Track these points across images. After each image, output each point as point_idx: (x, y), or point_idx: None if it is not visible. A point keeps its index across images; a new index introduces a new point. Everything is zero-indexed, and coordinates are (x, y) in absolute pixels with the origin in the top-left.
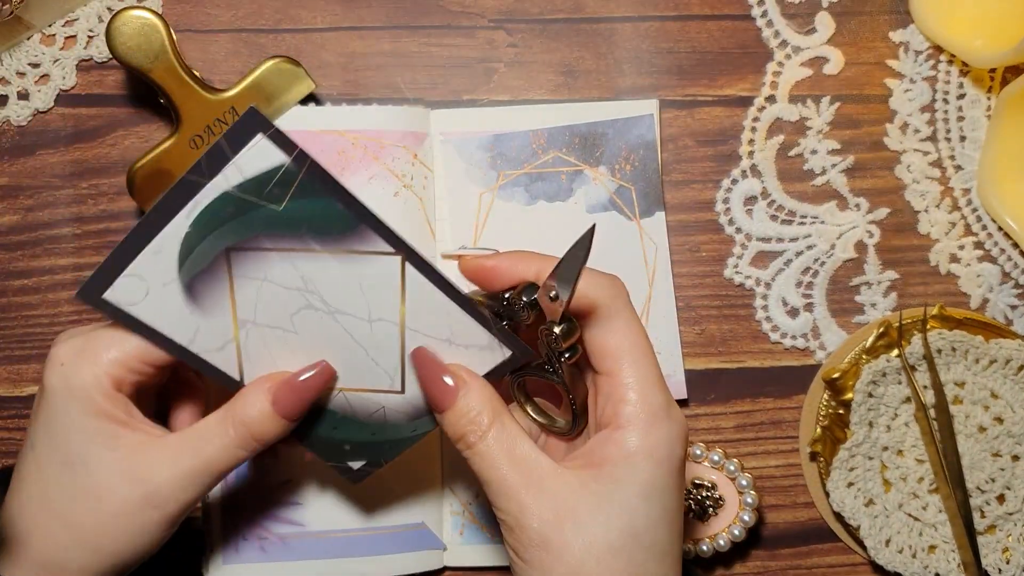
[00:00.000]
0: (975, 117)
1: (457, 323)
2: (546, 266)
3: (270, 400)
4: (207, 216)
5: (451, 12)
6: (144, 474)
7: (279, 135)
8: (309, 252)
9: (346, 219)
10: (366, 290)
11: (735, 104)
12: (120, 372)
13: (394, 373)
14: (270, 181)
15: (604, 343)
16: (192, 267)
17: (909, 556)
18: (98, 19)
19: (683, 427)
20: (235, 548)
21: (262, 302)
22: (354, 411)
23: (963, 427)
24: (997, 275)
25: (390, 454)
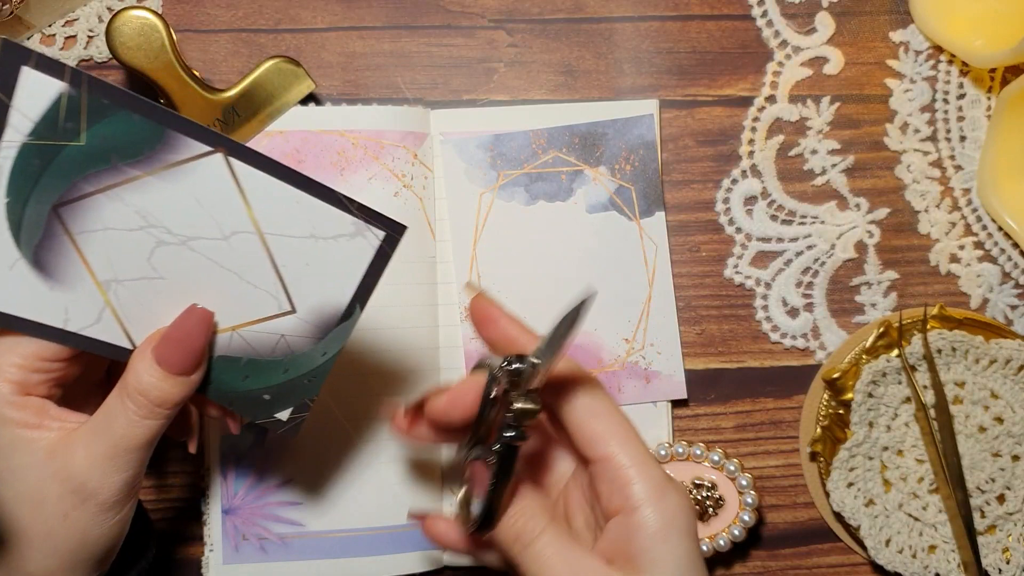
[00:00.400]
0: (975, 117)
1: (313, 212)
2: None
3: (156, 361)
4: (18, 178)
5: (451, 12)
6: (67, 469)
7: (45, 60)
8: (132, 181)
9: (150, 129)
10: (205, 203)
11: (735, 104)
12: (21, 376)
13: (276, 291)
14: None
15: (592, 428)
16: (29, 239)
17: (909, 556)
18: (98, 19)
19: (686, 494)
20: (235, 548)
21: (114, 254)
22: (256, 350)
23: (963, 427)
24: (997, 275)
25: (311, 389)
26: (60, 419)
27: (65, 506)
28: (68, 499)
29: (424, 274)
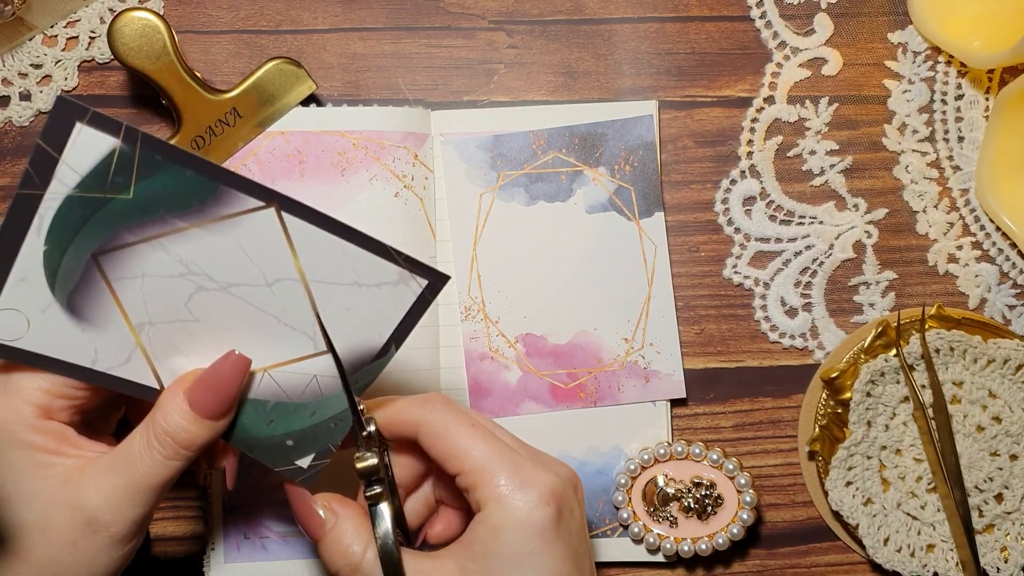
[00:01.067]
0: (973, 118)
1: (359, 262)
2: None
3: (188, 404)
4: (58, 228)
5: (451, 14)
6: (80, 500)
7: (99, 118)
8: (177, 232)
9: (202, 184)
10: (251, 253)
11: (734, 105)
12: (46, 400)
13: (314, 333)
14: (108, 170)
15: (439, 453)
16: (64, 284)
17: (907, 555)
18: (100, 20)
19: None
20: (236, 547)
21: (151, 299)
22: (286, 392)
23: (961, 426)
24: (995, 275)
25: (336, 435)
26: (79, 447)
27: (74, 535)
28: (78, 529)
29: None
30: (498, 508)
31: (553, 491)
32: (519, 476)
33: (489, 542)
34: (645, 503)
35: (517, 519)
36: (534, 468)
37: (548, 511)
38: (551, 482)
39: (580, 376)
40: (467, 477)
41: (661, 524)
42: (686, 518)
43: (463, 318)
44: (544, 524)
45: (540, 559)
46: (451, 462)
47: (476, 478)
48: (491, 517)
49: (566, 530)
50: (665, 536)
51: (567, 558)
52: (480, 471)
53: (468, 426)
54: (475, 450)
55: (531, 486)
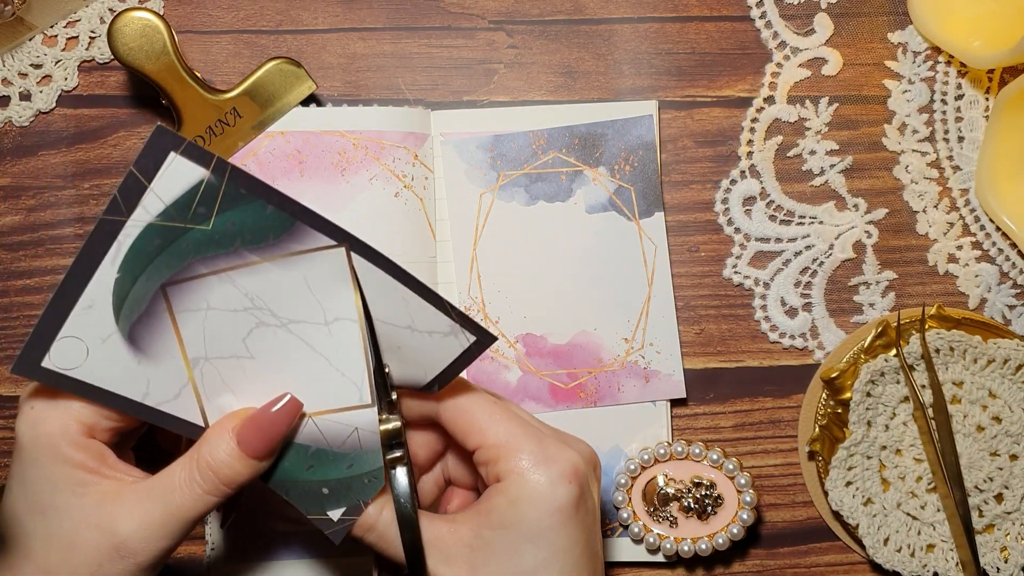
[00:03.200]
0: (973, 118)
1: (416, 310)
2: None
3: (236, 441)
4: (134, 256)
5: (451, 14)
6: (112, 524)
7: (193, 149)
8: (248, 266)
9: (280, 220)
10: (316, 290)
11: (734, 105)
12: (92, 419)
13: (361, 383)
14: (193, 201)
15: (461, 428)
16: (129, 314)
17: (907, 555)
18: (100, 20)
19: (566, 465)
20: (236, 547)
21: (210, 333)
22: (327, 440)
23: (961, 426)
24: (995, 275)
25: (367, 492)
26: (117, 470)
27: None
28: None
29: (425, 274)
30: (520, 481)
31: (576, 470)
32: (542, 452)
33: (508, 513)
34: (645, 503)
35: (538, 494)
36: (557, 445)
37: (570, 489)
38: (574, 460)
39: (580, 376)
40: (488, 451)
41: (661, 524)
42: (686, 518)
43: None
44: (564, 502)
45: (556, 536)
46: (472, 436)
47: (498, 452)
48: (512, 489)
49: (583, 510)
50: (665, 536)
51: (581, 538)
52: (502, 445)
53: (490, 402)
54: (498, 424)
55: (554, 463)
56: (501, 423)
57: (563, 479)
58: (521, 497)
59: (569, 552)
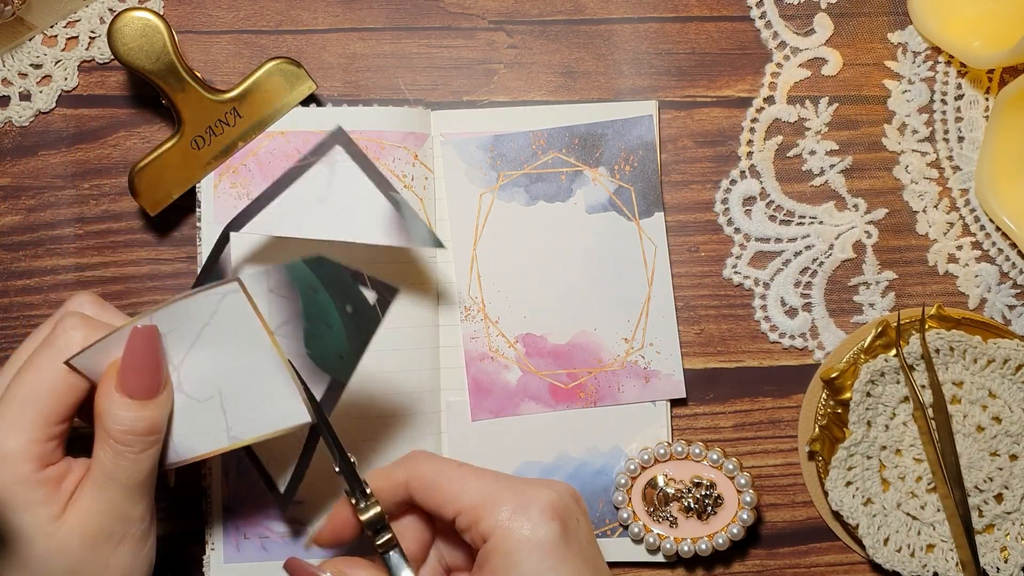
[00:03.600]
0: (973, 118)
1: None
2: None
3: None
4: None
5: (451, 14)
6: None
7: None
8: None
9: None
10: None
11: (734, 105)
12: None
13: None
14: None
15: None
16: None
17: (907, 555)
18: (100, 20)
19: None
20: (236, 547)
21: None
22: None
23: (961, 426)
24: (995, 275)
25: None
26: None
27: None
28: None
29: (425, 274)
30: (505, 534)
31: (554, 505)
32: (518, 498)
33: (505, 569)
34: (645, 503)
35: (526, 540)
36: (532, 487)
37: (554, 526)
38: (550, 497)
39: (580, 376)
40: (467, 515)
41: (661, 524)
42: (686, 518)
43: (463, 318)
44: (554, 540)
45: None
46: (447, 505)
47: (476, 513)
48: (501, 545)
49: (576, 541)
50: (665, 536)
51: (584, 568)
52: (479, 506)
53: (455, 467)
54: (468, 486)
55: (532, 505)
56: (471, 484)
57: (544, 518)
58: (511, 549)
59: None
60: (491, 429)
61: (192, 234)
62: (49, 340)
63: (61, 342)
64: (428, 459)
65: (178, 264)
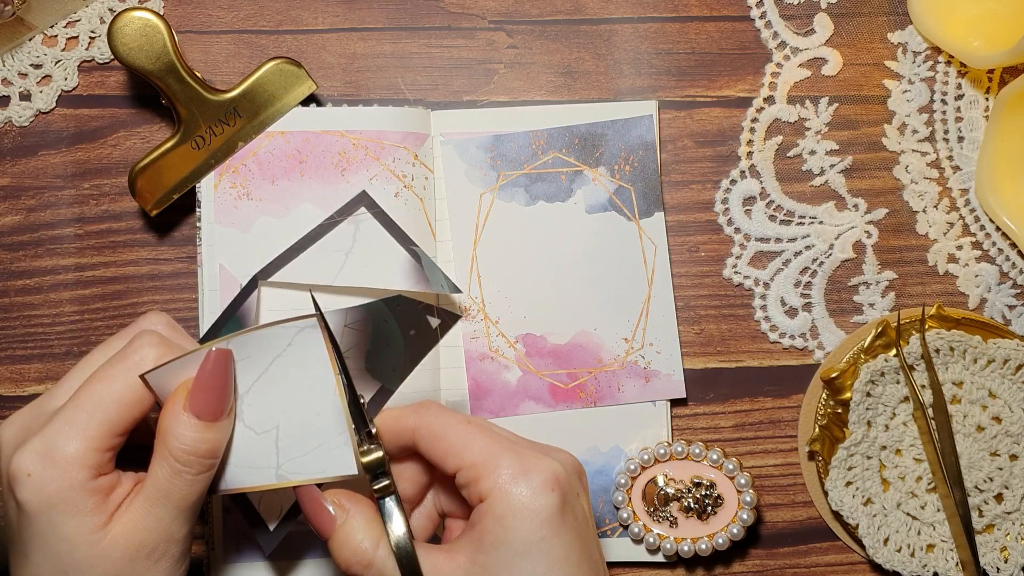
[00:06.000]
0: (973, 118)
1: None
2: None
3: (194, 416)
4: None
5: (451, 14)
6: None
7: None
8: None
9: None
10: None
11: (734, 105)
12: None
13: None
14: None
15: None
16: None
17: (907, 555)
18: (100, 20)
19: (546, 473)
20: (236, 547)
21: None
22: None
23: (961, 426)
24: (995, 275)
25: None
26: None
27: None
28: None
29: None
30: (502, 497)
31: (556, 477)
32: (520, 464)
33: (496, 532)
34: (645, 503)
35: (523, 507)
36: (535, 456)
37: (552, 497)
38: (553, 468)
39: (580, 376)
40: (467, 472)
41: (661, 524)
42: (686, 518)
43: (463, 318)
44: (550, 511)
45: (549, 546)
46: (450, 459)
47: (477, 471)
48: (496, 507)
49: (572, 516)
50: (665, 536)
51: (575, 544)
52: (480, 464)
53: (464, 423)
54: (473, 443)
55: (533, 473)
56: (476, 441)
57: (544, 488)
58: (506, 513)
59: (565, 561)
60: None
61: (192, 234)
62: (124, 354)
63: (136, 357)
64: (439, 411)
65: (178, 264)
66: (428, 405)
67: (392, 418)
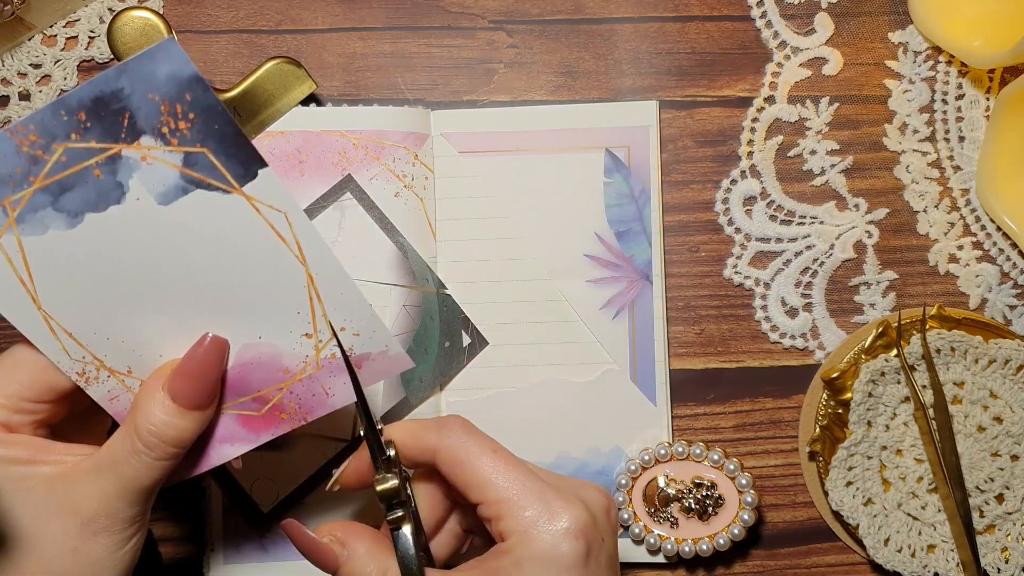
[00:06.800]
0: (974, 117)
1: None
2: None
3: (170, 397)
4: None
5: (451, 13)
6: (73, 505)
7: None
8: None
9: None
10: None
11: (734, 105)
12: (5, 416)
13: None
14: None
15: (459, 481)
16: None
17: (908, 555)
18: (99, 20)
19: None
20: (236, 547)
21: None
22: None
23: (962, 427)
24: (996, 275)
25: None
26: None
27: (73, 541)
28: (76, 533)
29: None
30: (523, 541)
31: (583, 525)
32: (545, 508)
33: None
34: (646, 503)
35: (543, 554)
36: (561, 499)
37: (576, 546)
38: (580, 515)
39: (271, 396)
40: (490, 507)
41: (662, 525)
42: (687, 519)
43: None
44: (571, 560)
45: None
46: (472, 491)
47: (500, 509)
48: (516, 550)
49: (595, 565)
50: (666, 537)
51: None
52: (504, 502)
53: (489, 452)
54: (498, 479)
55: (558, 518)
56: (501, 476)
57: (568, 536)
58: (525, 558)
59: None
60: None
61: None
62: None
63: None
64: (463, 432)
65: None
66: (451, 424)
67: (412, 435)
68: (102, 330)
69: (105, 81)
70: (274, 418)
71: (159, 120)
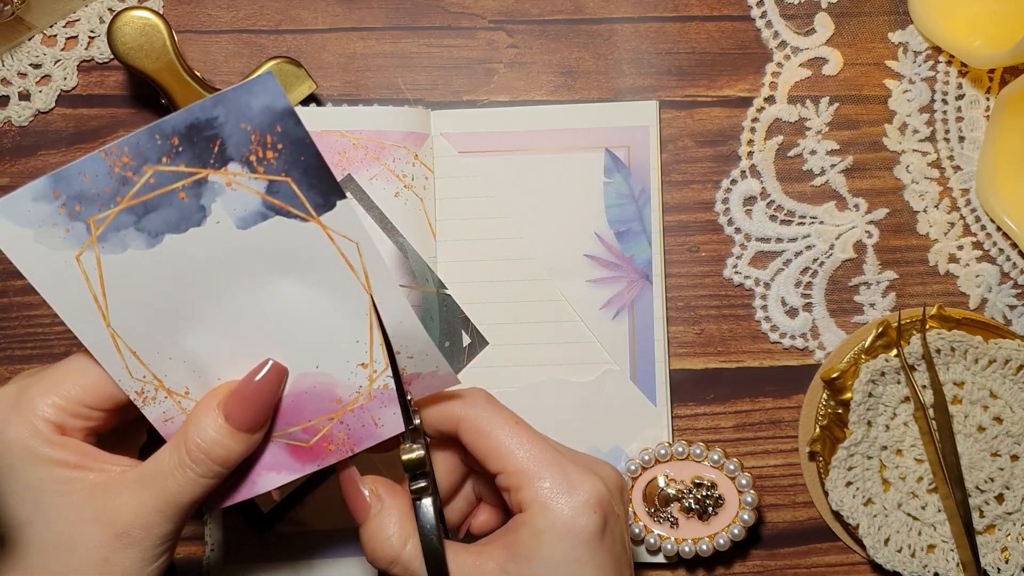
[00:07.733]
0: (974, 117)
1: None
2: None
3: (223, 417)
4: None
5: (451, 13)
6: (110, 515)
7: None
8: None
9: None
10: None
11: (734, 105)
12: (60, 417)
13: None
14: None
15: (481, 450)
16: None
17: (908, 555)
18: (99, 20)
19: (590, 493)
20: (236, 547)
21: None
22: None
23: (962, 427)
24: (996, 275)
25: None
26: (102, 461)
27: (105, 551)
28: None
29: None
30: (542, 512)
31: (600, 498)
32: (565, 480)
33: (532, 546)
34: (646, 503)
35: (562, 525)
36: (580, 471)
37: (594, 519)
38: (598, 488)
39: (321, 427)
40: (509, 477)
41: (662, 525)
42: (687, 519)
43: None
44: (590, 532)
45: (582, 568)
46: (493, 461)
47: (519, 479)
48: (535, 521)
49: (611, 538)
50: (666, 537)
51: (610, 567)
52: (523, 472)
53: (512, 424)
54: (519, 450)
55: (577, 491)
56: (522, 447)
57: (587, 508)
58: (544, 528)
59: None
60: None
61: None
62: None
63: None
64: (487, 403)
65: None
66: (476, 396)
67: (436, 404)
68: (165, 350)
69: (202, 109)
70: (321, 449)
71: (248, 149)
